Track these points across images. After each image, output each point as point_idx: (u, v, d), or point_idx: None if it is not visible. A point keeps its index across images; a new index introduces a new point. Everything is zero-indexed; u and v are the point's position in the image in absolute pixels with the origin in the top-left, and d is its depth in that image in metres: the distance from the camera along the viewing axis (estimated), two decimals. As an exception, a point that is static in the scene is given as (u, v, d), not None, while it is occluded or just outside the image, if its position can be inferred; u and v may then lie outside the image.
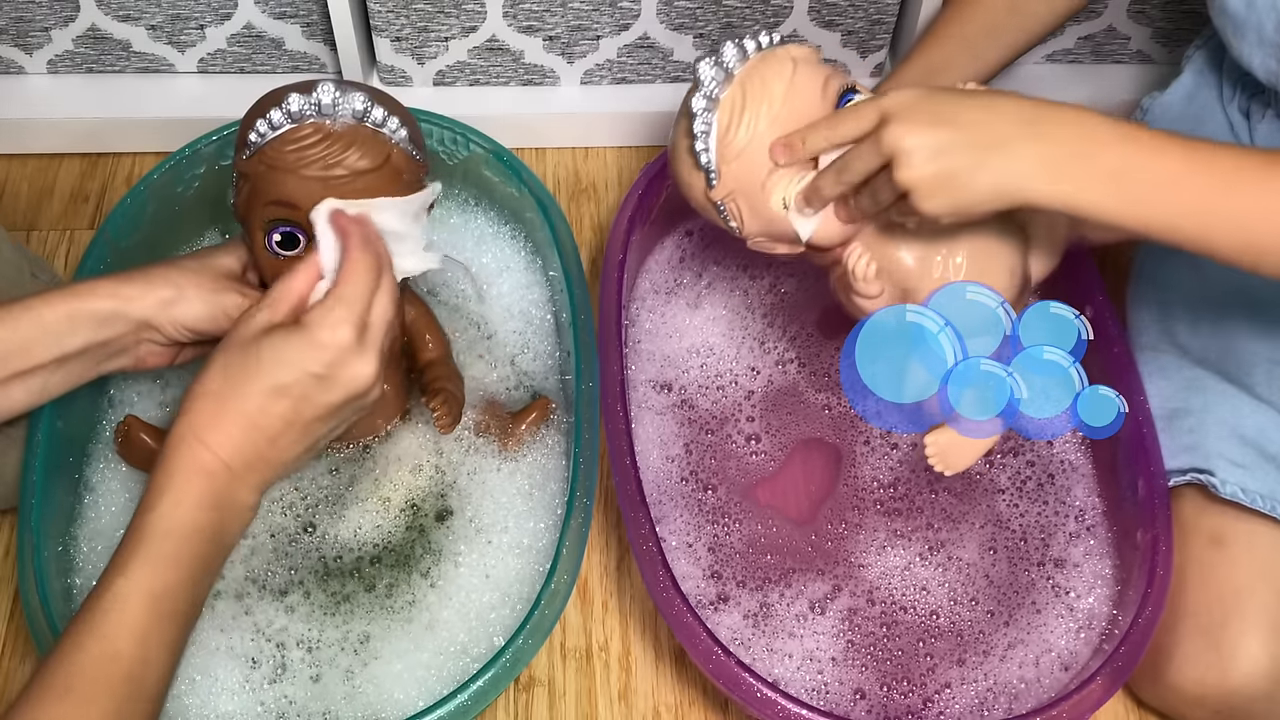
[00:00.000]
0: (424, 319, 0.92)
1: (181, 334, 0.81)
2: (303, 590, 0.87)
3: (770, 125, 0.81)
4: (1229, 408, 0.90)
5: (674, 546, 0.92)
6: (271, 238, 0.80)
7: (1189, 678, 0.85)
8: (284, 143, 0.77)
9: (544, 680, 0.94)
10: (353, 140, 0.78)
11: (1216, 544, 0.87)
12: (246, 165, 0.79)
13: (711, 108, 0.82)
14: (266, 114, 0.78)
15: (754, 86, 0.82)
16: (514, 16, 1.15)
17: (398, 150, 0.80)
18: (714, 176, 0.83)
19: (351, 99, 0.78)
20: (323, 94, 0.77)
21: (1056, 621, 0.90)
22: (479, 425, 0.93)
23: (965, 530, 0.94)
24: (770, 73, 0.82)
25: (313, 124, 0.77)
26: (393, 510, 0.90)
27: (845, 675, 0.88)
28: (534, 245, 1.02)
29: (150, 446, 0.88)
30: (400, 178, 0.80)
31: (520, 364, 0.98)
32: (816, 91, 0.82)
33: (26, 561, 0.81)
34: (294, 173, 0.77)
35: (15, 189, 1.19)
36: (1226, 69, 0.99)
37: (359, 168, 0.78)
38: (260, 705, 0.82)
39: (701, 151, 0.82)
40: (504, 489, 0.91)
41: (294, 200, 0.78)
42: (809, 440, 0.97)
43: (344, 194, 0.78)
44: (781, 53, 0.83)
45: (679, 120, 0.85)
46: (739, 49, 0.82)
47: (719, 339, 1.01)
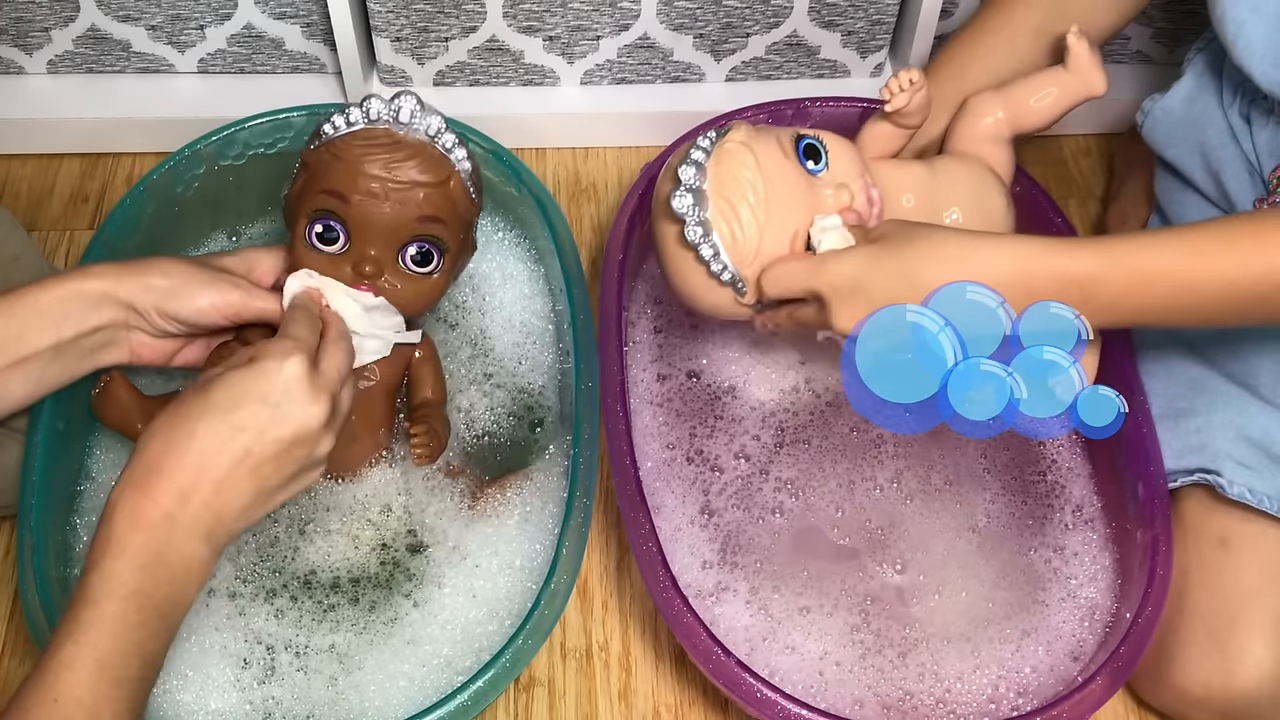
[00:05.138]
0: (430, 363, 0.91)
1: (169, 324, 0.81)
2: (289, 595, 0.86)
3: (766, 208, 0.83)
4: (1235, 408, 0.90)
5: (670, 536, 0.91)
6: (313, 228, 0.82)
7: (1194, 680, 0.85)
8: (355, 138, 0.81)
9: (544, 680, 0.94)
10: (419, 153, 0.81)
11: (1223, 546, 0.87)
12: (312, 154, 0.83)
13: (708, 229, 0.83)
14: (346, 111, 0.82)
15: (730, 188, 0.84)
16: (514, 17, 1.15)
17: (458, 179, 0.84)
18: (743, 284, 0.85)
19: (430, 118, 0.82)
20: (404, 104, 0.81)
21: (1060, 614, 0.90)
22: (451, 468, 0.91)
23: (967, 528, 0.93)
24: (735, 166, 0.84)
25: (386, 129, 0.81)
26: (363, 547, 0.88)
27: (846, 675, 0.88)
28: (534, 245, 1.02)
29: (127, 406, 0.86)
30: (455, 207, 0.84)
31: (519, 365, 0.97)
32: (779, 155, 0.85)
33: (26, 562, 0.81)
34: (355, 165, 0.81)
35: (15, 189, 1.19)
36: (1227, 73, 0.99)
37: (419, 179, 0.81)
38: (249, 705, 0.82)
39: (721, 270, 0.84)
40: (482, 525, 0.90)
41: (346, 193, 0.81)
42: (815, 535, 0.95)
43: (398, 202, 0.81)
44: (729, 146, 0.85)
45: (679, 256, 0.86)
46: (693, 166, 0.83)
47: (719, 338, 1.01)
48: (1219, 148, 0.97)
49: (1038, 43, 0.97)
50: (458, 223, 0.84)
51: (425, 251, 0.83)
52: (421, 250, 0.83)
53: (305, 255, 0.83)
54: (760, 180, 0.84)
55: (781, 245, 0.84)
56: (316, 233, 0.82)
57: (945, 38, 1.10)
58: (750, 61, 1.21)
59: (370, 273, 0.82)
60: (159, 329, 0.82)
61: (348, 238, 0.82)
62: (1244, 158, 0.96)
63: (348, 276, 0.82)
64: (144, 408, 0.86)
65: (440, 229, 0.83)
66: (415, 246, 0.83)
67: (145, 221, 0.96)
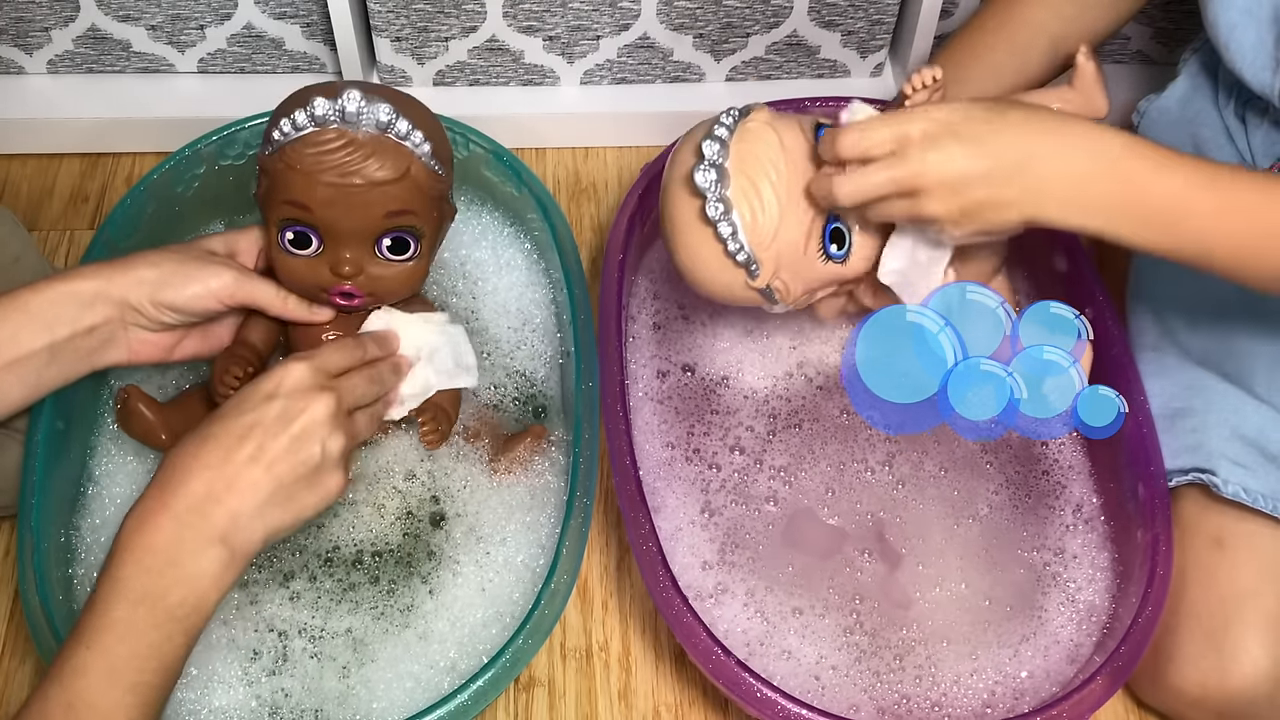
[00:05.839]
0: None
1: (165, 315, 0.82)
2: (308, 575, 0.87)
3: (786, 192, 0.82)
4: (1230, 408, 0.90)
5: (670, 535, 0.91)
6: (284, 235, 0.82)
7: (1190, 680, 0.85)
8: (305, 145, 0.79)
9: (544, 680, 0.94)
10: (374, 150, 0.79)
11: (1218, 546, 0.87)
12: (267, 161, 0.81)
13: (728, 207, 0.82)
14: (292, 114, 0.79)
15: (753, 166, 0.82)
16: (514, 16, 1.15)
17: (418, 164, 0.81)
18: (756, 266, 0.84)
19: (377, 109, 0.79)
20: (348, 101, 0.78)
21: (1059, 615, 0.90)
22: (469, 431, 0.92)
23: (964, 524, 0.93)
24: (759, 145, 0.83)
25: (336, 129, 0.79)
26: (388, 516, 0.89)
27: (846, 676, 0.88)
28: (534, 245, 1.02)
29: (148, 417, 0.88)
30: (421, 191, 0.82)
31: (519, 364, 0.97)
32: (800, 139, 0.84)
33: (26, 561, 0.81)
34: (311, 175, 0.79)
35: (15, 189, 1.19)
36: (1222, 74, 0.99)
37: (377, 178, 0.79)
38: (256, 699, 0.82)
39: (737, 250, 0.83)
40: (500, 497, 0.90)
41: (307, 203, 0.80)
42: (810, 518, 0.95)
43: (362, 204, 0.80)
44: (753, 125, 0.84)
45: (694, 233, 0.84)
46: (717, 142, 0.82)
47: (719, 337, 1.01)
48: (1214, 148, 0.98)
49: (1038, 40, 0.97)
50: (427, 205, 0.83)
51: (400, 240, 0.83)
52: (396, 240, 0.83)
53: (282, 259, 0.83)
54: (784, 161, 0.82)
55: (799, 231, 0.83)
56: (289, 240, 0.82)
57: (945, 38, 1.10)
58: (750, 61, 1.21)
59: (349, 273, 0.82)
60: (156, 321, 0.82)
61: (320, 241, 0.82)
62: (1239, 158, 0.97)
63: (327, 277, 0.83)
64: (164, 416, 0.88)
65: (410, 219, 0.83)
66: (389, 239, 0.83)
67: (145, 221, 0.97)
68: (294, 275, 0.84)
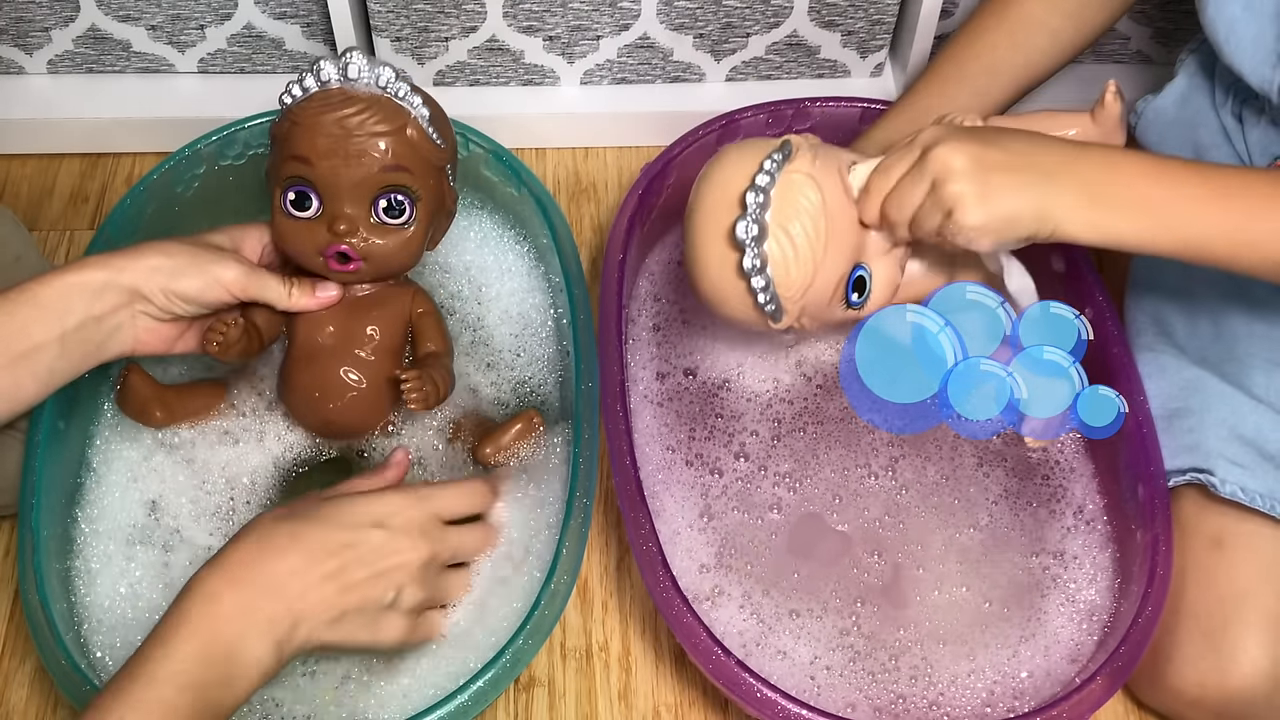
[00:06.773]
0: (431, 317, 0.92)
1: (174, 303, 0.82)
2: None
3: (824, 248, 0.83)
4: (1228, 408, 0.90)
5: (668, 539, 0.91)
6: (287, 196, 0.85)
7: (1189, 680, 0.85)
8: (311, 101, 0.83)
9: (544, 680, 0.94)
10: (372, 105, 0.83)
11: (1217, 545, 0.87)
12: (278, 126, 0.86)
13: (764, 263, 0.82)
14: (302, 79, 0.84)
15: (793, 222, 0.82)
16: (514, 16, 1.15)
17: (416, 125, 0.85)
18: (782, 315, 0.85)
19: (380, 70, 0.84)
20: (351, 60, 0.83)
21: (1059, 615, 0.90)
22: (459, 428, 0.92)
23: (964, 524, 0.93)
24: (801, 201, 0.82)
25: (340, 88, 0.83)
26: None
27: (841, 676, 0.88)
28: (534, 245, 1.02)
29: (145, 394, 0.90)
30: (417, 153, 0.85)
31: (519, 364, 0.98)
32: (839, 190, 0.84)
33: (27, 561, 0.81)
34: (313, 128, 0.83)
35: (15, 189, 1.20)
36: (1219, 73, 0.99)
37: (375, 130, 0.83)
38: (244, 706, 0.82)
39: (768, 302, 0.84)
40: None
41: (308, 155, 0.83)
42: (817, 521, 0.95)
43: (358, 154, 0.83)
44: (796, 177, 0.83)
45: (725, 278, 0.85)
46: (760, 194, 0.81)
47: (719, 337, 1.01)
48: (1212, 148, 0.98)
49: (1037, 35, 0.97)
50: (424, 168, 0.85)
51: (397, 201, 0.84)
52: (392, 200, 0.84)
53: (284, 224, 0.85)
54: (824, 219, 0.82)
55: (828, 285, 0.84)
56: (290, 200, 0.85)
57: (945, 38, 1.10)
58: (750, 61, 1.21)
59: (344, 230, 0.84)
60: (166, 310, 0.82)
61: (320, 201, 0.84)
62: (1237, 157, 0.97)
63: (324, 237, 0.84)
64: (161, 395, 0.91)
65: (406, 177, 0.84)
66: (385, 199, 0.84)
67: (145, 221, 0.97)
68: (293, 238, 0.85)
